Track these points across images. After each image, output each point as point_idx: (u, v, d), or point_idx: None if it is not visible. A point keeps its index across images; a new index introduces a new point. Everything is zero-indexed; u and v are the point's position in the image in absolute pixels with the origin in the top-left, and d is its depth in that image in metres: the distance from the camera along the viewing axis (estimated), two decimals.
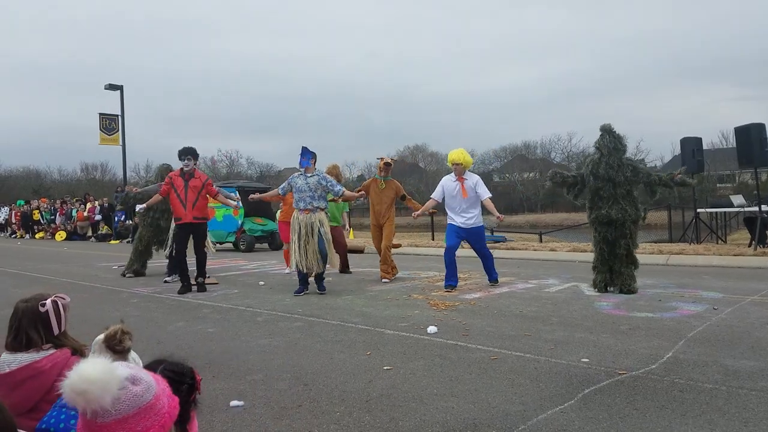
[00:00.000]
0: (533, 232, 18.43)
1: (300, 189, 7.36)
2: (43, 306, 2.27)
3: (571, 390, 3.39)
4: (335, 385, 3.58)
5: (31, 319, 2.24)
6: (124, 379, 1.31)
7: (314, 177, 7.42)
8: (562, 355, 4.15)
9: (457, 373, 3.78)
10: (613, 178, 6.69)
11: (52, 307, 2.29)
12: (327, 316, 5.84)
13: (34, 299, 2.31)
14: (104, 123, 24.34)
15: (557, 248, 12.62)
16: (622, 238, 6.72)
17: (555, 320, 5.37)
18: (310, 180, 7.39)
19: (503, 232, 17.64)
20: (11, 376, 2.15)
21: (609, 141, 6.80)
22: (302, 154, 7.52)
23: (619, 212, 6.64)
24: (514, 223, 40.59)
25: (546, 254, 11.89)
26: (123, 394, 1.29)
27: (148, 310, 6.54)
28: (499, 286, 7.72)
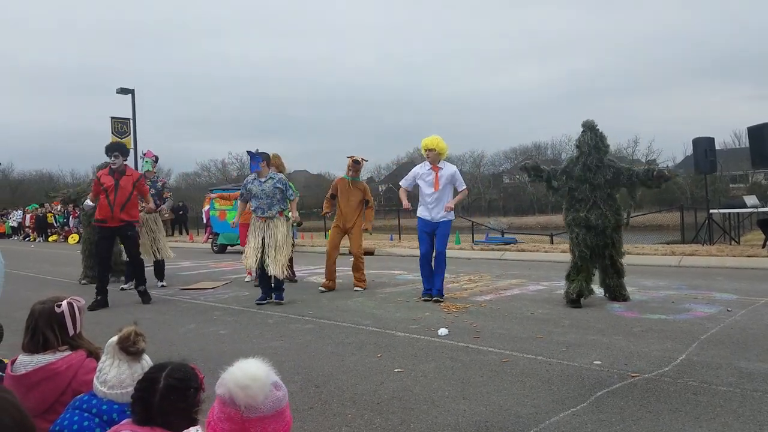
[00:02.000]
0: (544, 234, 18.34)
1: (257, 196, 6.90)
2: (59, 307, 2.30)
3: (583, 393, 3.37)
4: (346, 387, 3.58)
5: (48, 320, 2.27)
6: (272, 382, 1.43)
7: (270, 181, 6.92)
8: (574, 357, 4.13)
9: (469, 375, 3.77)
10: (590, 180, 6.17)
11: (68, 308, 2.32)
12: (338, 318, 5.85)
13: (50, 301, 2.35)
14: (116, 126, 24.54)
15: (568, 250, 12.55)
16: (605, 248, 6.23)
17: (567, 322, 5.34)
18: (265, 185, 6.90)
19: (514, 234, 17.59)
20: (27, 377, 2.17)
21: (590, 138, 6.24)
22: (251, 158, 7.04)
23: (599, 218, 6.11)
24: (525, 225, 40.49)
25: (557, 256, 11.81)
26: (270, 395, 1.41)
27: (161, 313, 6.58)
28: (510, 288, 7.68)
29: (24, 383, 2.17)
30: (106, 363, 1.95)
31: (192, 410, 1.66)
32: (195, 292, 8.21)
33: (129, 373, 1.91)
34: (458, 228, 21.16)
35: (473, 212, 50.20)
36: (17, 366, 2.21)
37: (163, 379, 1.65)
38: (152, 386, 1.65)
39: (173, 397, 1.63)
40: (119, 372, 1.92)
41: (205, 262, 13.06)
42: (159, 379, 1.65)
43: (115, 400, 1.89)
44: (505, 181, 62.70)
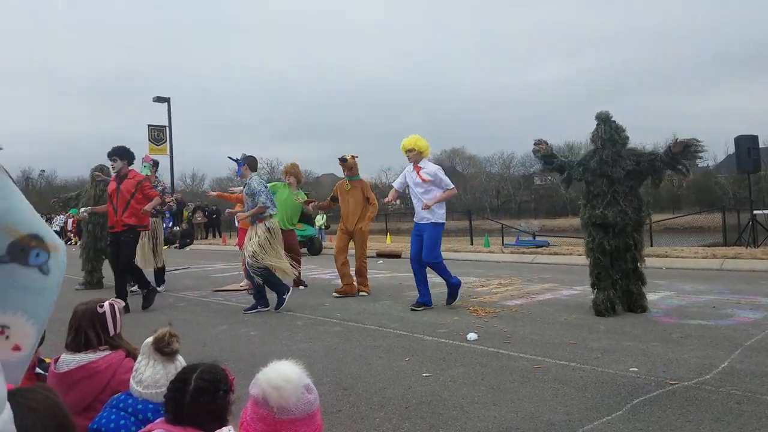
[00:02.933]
0: (578, 237, 18.01)
1: (244, 200, 6.87)
2: (101, 308, 2.41)
3: (618, 400, 3.26)
4: (374, 391, 3.55)
5: (90, 320, 2.37)
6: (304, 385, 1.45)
7: (245, 187, 6.79)
8: (609, 364, 4.01)
9: (499, 381, 3.70)
10: (608, 173, 5.71)
11: (110, 309, 2.43)
12: (365, 321, 5.82)
13: (92, 302, 2.47)
14: (153, 134, 25.13)
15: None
16: (626, 251, 5.75)
17: (602, 328, 5.20)
18: (244, 190, 6.84)
19: (546, 236, 17.33)
20: (69, 375, 2.25)
21: (604, 132, 5.77)
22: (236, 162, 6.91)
23: (617, 215, 5.63)
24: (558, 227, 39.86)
25: None
26: (302, 398, 1.42)
27: (195, 314, 6.67)
28: (542, 292, 7.54)
29: (66, 381, 2.25)
30: (142, 363, 2.00)
31: (222, 411, 1.69)
32: (227, 293, 8.30)
33: (163, 373, 1.95)
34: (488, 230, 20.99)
35: (503, 215, 49.77)
36: (60, 364, 2.29)
37: (194, 380, 1.68)
38: (183, 387, 1.68)
39: (203, 398, 1.66)
40: (154, 372, 1.97)
41: (237, 265, 13.18)
42: (190, 380, 1.68)
43: (150, 399, 1.94)
44: (536, 182, 61.94)
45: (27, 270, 1.21)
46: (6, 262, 1.18)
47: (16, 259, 1.19)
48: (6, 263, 1.18)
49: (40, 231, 1.25)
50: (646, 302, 5.92)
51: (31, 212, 1.25)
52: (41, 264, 1.24)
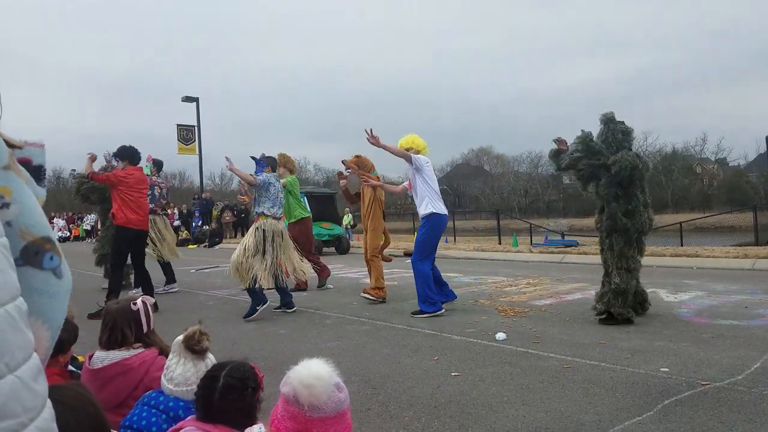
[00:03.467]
0: None
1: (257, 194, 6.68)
2: (134, 305, 2.47)
3: (649, 401, 3.24)
4: (403, 390, 3.58)
5: (125, 318, 2.42)
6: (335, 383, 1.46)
7: None
8: (639, 364, 3.98)
9: (528, 381, 3.70)
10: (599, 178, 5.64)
11: (143, 307, 2.49)
12: (393, 320, 5.86)
13: (125, 300, 2.53)
14: (182, 133, 25.54)
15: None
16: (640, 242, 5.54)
17: (631, 328, 5.15)
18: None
19: (575, 236, 17.14)
20: (103, 371, 2.30)
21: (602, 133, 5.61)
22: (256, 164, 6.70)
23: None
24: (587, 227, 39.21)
25: None
26: (333, 396, 1.43)
27: (224, 312, 6.79)
28: (571, 292, 7.48)
29: (100, 377, 2.29)
30: (173, 361, 2.03)
31: (251, 408, 1.71)
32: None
33: (194, 371, 1.98)
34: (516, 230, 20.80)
35: (531, 214, 49.26)
36: (94, 361, 2.34)
37: (223, 377, 1.70)
38: (212, 384, 1.70)
39: (232, 395, 1.68)
40: (185, 370, 1.99)
41: None
42: (219, 378, 1.71)
43: (181, 397, 1.97)
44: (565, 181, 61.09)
45: (41, 273, 1.20)
46: (21, 266, 1.17)
47: (30, 262, 1.18)
48: (21, 266, 1.17)
49: (52, 234, 1.28)
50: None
51: (41, 215, 1.25)
52: (55, 267, 1.22)
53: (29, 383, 0.80)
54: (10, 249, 0.86)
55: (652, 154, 56.39)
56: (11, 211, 1.18)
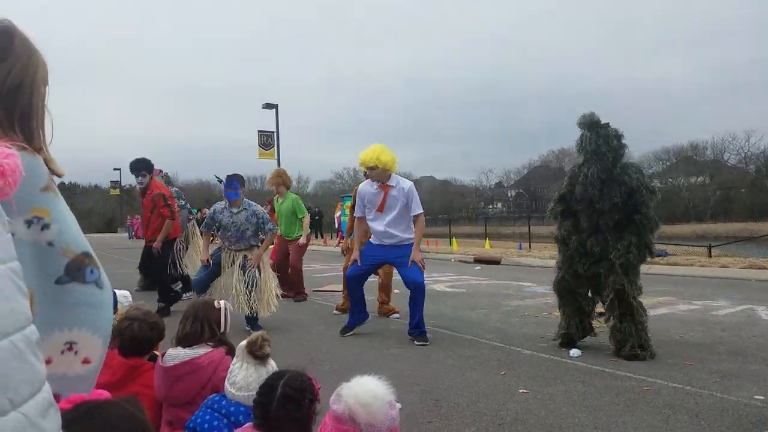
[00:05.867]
0: (701, 245, 16.62)
1: (225, 228, 5.77)
2: (218, 304, 2.61)
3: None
4: (467, 404, 3.43)
5: (206, 314, 2.55)
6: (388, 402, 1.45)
7: (242, 213, 5.78)
8: (730, 389, 3.62)
9: (602, 402, 3.44)
10: (594, 202, 4.47)
11: (224, 307, 2.61)
12: (460, 329, 5.69)
13: (210, 299, 2.70)
14: (262, 139, 26.42)
15: (730, 264, 11.24)
16: (610, 273, 4.47)
17: (723, 348, 4.72)
18: (236, 217, 5.76)
19: (664, 245, 16.15)
20: (174, 369, 2.37)
21: (588, 141, 4.46)
22: (228, 184, 5.80)
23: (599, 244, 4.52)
24: (678, 234, 37.08)
25: (715, 271, 10.64)
26: (387, 414, 1.43)
27: (294, 313, 6.87)
28: (656, 306, 7.00)
29: (171, 375, 2.37)
30: (236, 365, 2.07)
31: (306, 420, 1.70)
32: (325, 294, 8.50)
33: (256, 376, 2.00)
34: None
35: None
36: (166, 359, 2.41)
37: (281, 387, 1.70)
38: (270, 393, 1.70)
39: (289, 405, 1.67)
40: (247, 375, 2.02)
41: (337, 265, 13.48)
42: (277, 387, 1.70)
43: (242, 402, 1.99)
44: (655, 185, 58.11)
45: (85, 287, 1.28)
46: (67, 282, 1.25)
47: (75, 278, 1.26)
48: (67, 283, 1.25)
49: (89, 248, 1.32)
50: (646, 347, 4.43)
51: (78, 230, 1.33)
52: (96, 279, 1.30)
53: (36, 420, 0.76)
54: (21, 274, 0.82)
55: (754, 156, 52.37)
56: (52, 231, 1.25)
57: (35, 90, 1.31)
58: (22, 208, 1.22)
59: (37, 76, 1.31)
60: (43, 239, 1.24)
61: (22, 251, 1.18)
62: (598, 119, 4.51)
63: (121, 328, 2.53)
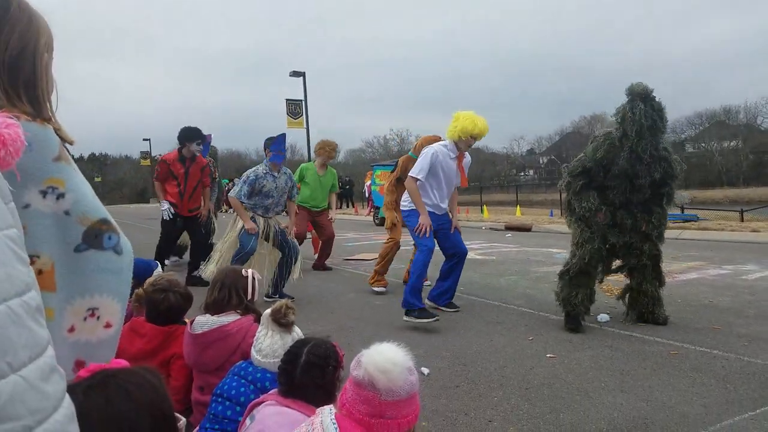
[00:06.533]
0: (733, 210, 16.28)
1: (267, 193, 5.58)
2: (245, 272, 2.66)
3: (765, 395, 2.97)
4: (494, 369, 3.53)
5: (234, 282, 2.61)
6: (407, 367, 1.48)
7: (283, 177, 5.68)
8: (757, 353, 3.64)
9: (629, 366, 3.51)
10: (637, 176, 4.24)
11: (252, 276, 2.66)
12: (488, 296, 5.77)
13: (238, 267, 2.78)
14: (290, 108, 26.39)
15: (761, 228, 11.03)
16: (645, 241, 4.39)
17: (752, 312, 4.72)
18: (279, 181, 5.63)
19: (696, 210, 15.86)
20: (204, 336, 2.46)
21: (642, 114, 4.08)
22: (279, 146, 5.63)
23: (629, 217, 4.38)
24: (711, 199, 36.22)
25: (746, 236, 10.46)
26: (407, 379, 1.46)
27: (325, 281, 7.03)
28: (686, 271, 6.96)
29: (200, 342, 2.45)
30: (261, 333, 2.14)
31: (330, 386, 1.76)
32: (357, 262, 8.64)
33: (281, 344, 2.06)
34: None
35: None
36: (195, 326, 2.50)
37: (305, 354, 1.76)
38: (295, 360, 1.76)
39: (313, 372, 1.73)
40: (272, 342, 2.08)
41: (368, 234, 13.64)
42: (301, 354, 1.76)
43: (268, 368, 2.06)
44: (687, 149, 56.54)
45: (104, 253, 1.30)
46: (85, 250, 1.27)
47: (93, 245, 1.28)
48: (86, 250, 1.28)
49: (106, 215, 1.33)
50: (663, 312, 4.49)
51: (93, 197, 1.33)
52: (114, 245, 1.32)
53: (36, 384, 0.75)
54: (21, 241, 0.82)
55: None
56: (67, 200, 1.27)
57: (38, 57, 1.26)
58: (36, 179, 1.23)
59: (39, 43, 1.26)
60: (60, 209, 1.25)
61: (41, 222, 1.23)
62: (651, 90, 4.18)
63: (156, 299, 2.62)
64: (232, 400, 2.03)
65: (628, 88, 4.21)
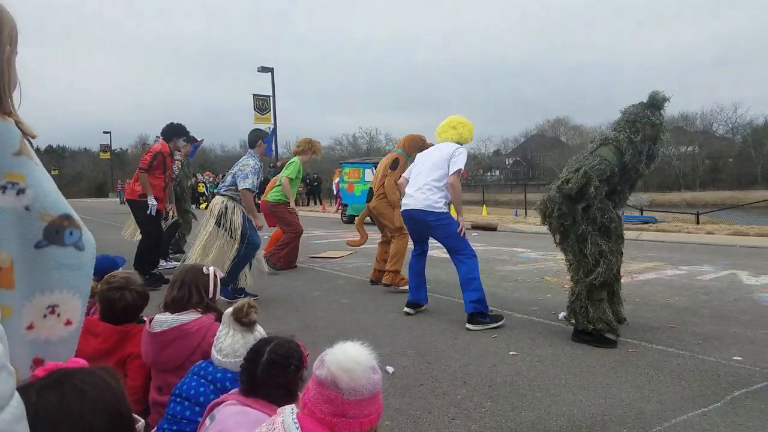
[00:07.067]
0: (689, 212, 16.79)
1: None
2: (206, 270, 2.58)
3: (718, 391, 3.07)
4: (458, 367, 3.56)
5: (194, 279, 2.53)
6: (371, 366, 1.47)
7: None
8: (710, 351, 3.77)
9: (589, 364, 3.58)
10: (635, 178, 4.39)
11: (213, 273, 2.59)
12: (453, 294, 5.81)
13: (199, 265, 2.66)
14: (258, 103, 26.14)
15: (716, 231, 11.41)
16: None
17: (706, 312, 4.88)
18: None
19: (654, 212, 16.31)
20: (163, 335, 2.39)
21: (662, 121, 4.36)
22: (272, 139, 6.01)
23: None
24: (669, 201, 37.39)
25: (702, 237, 10.80)
26: (370, 379, 1.44)
27: (290, 279, 6.97)
28: (644, 272, 7.15)
29: (159, 341, 2.39)
30: (222, 332, 2.09)
31: (292, 386, 1.73)
32: (323, 260, 8.60)
33: (243, 343, 2.02)
34: None
35: None
36: (154, 324, 2.43)
37: (267, 353, 1.73)
38: (256, 359, 1.73)
39: (274, 371, 1.71)
40: (233, 341, 2.04)
41: (335, 232, 13.59)
42: (263, 353, 1.73)
43: (229, 368, 2.02)
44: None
45: (65, 249, 1.28)
46: (45, 246, 1.26)
47: (53, 240, 1.26)
48: (46, 246, 1.26)
49: (69, 210, 1.31)
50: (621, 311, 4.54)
51: (56, 192, 1.31)
52: (76, 241, 1.30)
53: None
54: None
55: (741, 127, 52.89)
56: (27, 196, 1.24)
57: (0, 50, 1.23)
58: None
59: (2, 35, 1.23)
60: (20, 204, 1.23)
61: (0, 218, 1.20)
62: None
63: (111, 297, 2.52)
64: (191, 400, 1.99)
65: (653, 97, 4.38)
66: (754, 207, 16.55)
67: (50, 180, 1.31)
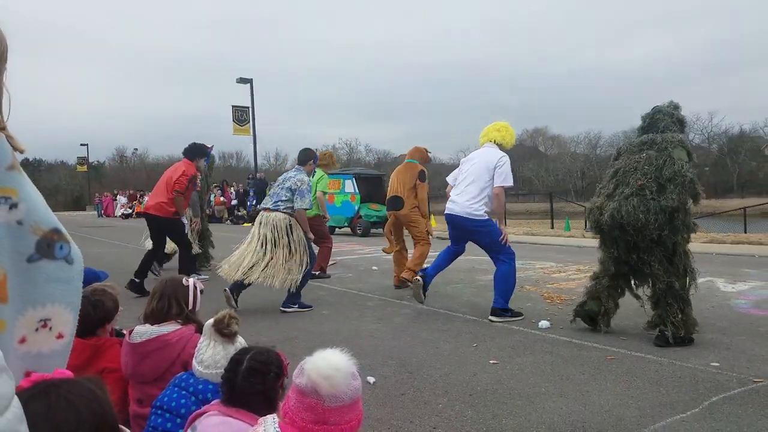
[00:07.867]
0: None
1: None
2: (186, 281, 2.57)
3: (695, 397, 3.12)
4: (439, 376, 3.57)
5: (174, 291, 2.52)
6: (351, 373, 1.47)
7: None
8: (688, 357, 3.82)
9: (568, 371, 3.62)
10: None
11: (193, 285, 2.58)
12: (435, 304, 5.84)
13: (179, 276, 2.64)
14: (237, 114, 26.05)
15: (693, 238, 11.59)
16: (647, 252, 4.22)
17: None
18: None
19: None
20: (142, 346, 2.37)
21: None
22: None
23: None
24: None
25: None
26: (350, 385, 1.45)
27: (270, 291, 6.88)
28: None
29: (139, 351, 2.37)
30: (203, 343, 2.07)
31: (272, 393, 1.73)
32: None
33: (224, 354, 2.00)
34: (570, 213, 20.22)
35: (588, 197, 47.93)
36: (134, 335, 2.41)
37: (246, 361, 1.73)
38: (236, 368, 1.73)
39: (254, 378, 1.71)
40: (215, 353, 2.03)
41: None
42: (243, 361, 1.73)
43: (210, 379, 2.01)
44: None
45: (56, 263, 1.30)
46: (38, 260, 1.27)
47: (45, 254, 1.27)
48: (38, 260, 1.27)
49: (57, 224, 1.33)
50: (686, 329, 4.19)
51: (45, 206, 1.33)
52: (66, 255, 1.32)
53: None
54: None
55: (717, 136, 54.04)
56: (20, 210, 1.25)
57: None
58: None
59: None
60: (12, 219, 1.24)
61: None
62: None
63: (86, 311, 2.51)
64: (172, 412, 1.96)
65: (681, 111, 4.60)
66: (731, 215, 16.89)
67: (39, 194, 1.32)
